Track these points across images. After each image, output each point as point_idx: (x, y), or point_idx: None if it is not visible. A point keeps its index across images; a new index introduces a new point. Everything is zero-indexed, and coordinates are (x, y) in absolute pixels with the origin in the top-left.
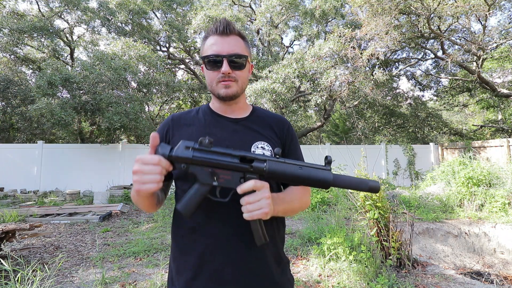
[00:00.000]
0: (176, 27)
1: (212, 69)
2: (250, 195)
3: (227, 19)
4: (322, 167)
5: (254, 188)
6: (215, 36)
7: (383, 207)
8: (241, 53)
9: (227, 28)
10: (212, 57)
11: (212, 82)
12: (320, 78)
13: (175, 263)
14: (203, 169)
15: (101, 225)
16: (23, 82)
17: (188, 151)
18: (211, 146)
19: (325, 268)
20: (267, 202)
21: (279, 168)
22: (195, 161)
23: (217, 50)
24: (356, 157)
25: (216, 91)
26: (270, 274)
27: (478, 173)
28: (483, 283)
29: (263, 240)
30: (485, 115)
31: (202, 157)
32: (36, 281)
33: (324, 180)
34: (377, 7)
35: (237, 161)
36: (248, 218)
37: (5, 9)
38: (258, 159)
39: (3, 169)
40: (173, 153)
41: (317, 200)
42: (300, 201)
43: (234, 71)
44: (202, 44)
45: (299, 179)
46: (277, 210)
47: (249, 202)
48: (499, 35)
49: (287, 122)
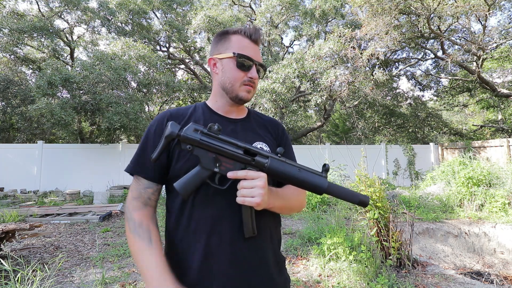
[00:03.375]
0: (176, 27)
1: (241, 69)
2: (246, 181)
3: (260, 29)
4: (319, 173)
5: (246, 177)
6: (247, 39)
7: (383, 207)
8: (263, 64)
9: (259, 38)
10: (246, 58)
11: (236, 82)
12: (320, 78)
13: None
14: (207, 154)
15: (101, 225)
16: (23, 82)
17: (196, 134)
18: (219, 133)
19: (325, 268)
20: (259, 191)
21: (280, 166)
22: (202, 144)
23: (251, 54)
24: (356, 157)
25: (236, 92)
26: (268, 273)
27: (478, 173)
28: (483, 283)
29: (252, 233)
30: (485, 115)
31: (208, 142)
32: (36, 281)
33: (319, 186)
34: (377, 7)
35: (241, 152)
36: (240, 202)
37: (5, 9)
38: (262, 154)
39: (3, 169)
40: (182, 132)
41: (317, 200)
42: (296, 200)
43: (257, 79)
44: (225, 38)
45: (296, 180)
46: (273, 204)
47: (243, 187)
48: (499, 35)
49: (281, 124)
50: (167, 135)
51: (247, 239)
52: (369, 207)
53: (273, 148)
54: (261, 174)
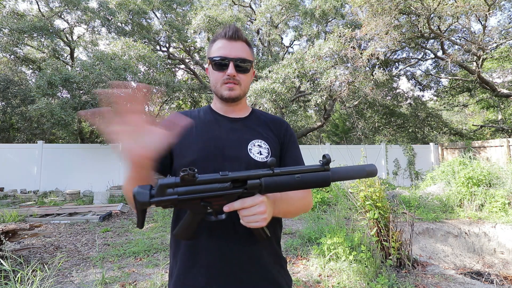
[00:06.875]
0: (176, 27)
1: (218, 70)
2: (245, 210)
3: (236, 26)
4: (320, 169)
5: (244, 208)
6: (223, 40)
7: (383, 207)
8: (247, 58)
9: (236, 34)
10: (219, 59)
11: (217, 83)
12: (320, 78)
13: (175, 259)
14: (193, 204)
15: (101, 225)
16: (23, 82)
17: (170, 190)
18: (195, 176)
19: (325, 268)
20: (262, 217)
21: (276, 181)
22: (182, 200)
23: (224, 53)
24: (356, 157)
25: (219, 92)
26: (270, 274)
27: (478, 173)
28: (483, 283)
29: (264, 238)
30: (485, 115)
31: (188, 193)
32: (36, 281)
33: (323, 181)
34: (377, 7)
35: (228, 185)
36: (246, 225)
37: (5, 9)
38: (253, 176)
39: (3, 169)
40: (154, 199)
41: (317, 200)
42: (302, 202)
43: (239, 74)
44: (210, 46)
45: (297, 187)
46: (277, 212)
47: (244, 216)
48: (499, 35)
49: (286, 122)
50: (138, 207)
51: (245, 239)
52: (369, 207)
53: (274, 146)
54: (259, 199)
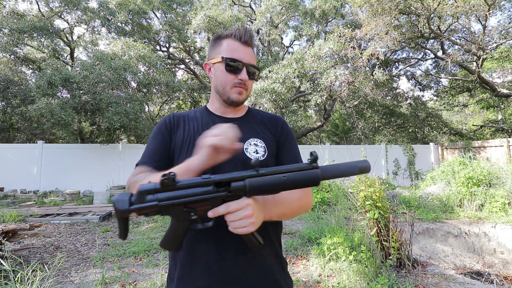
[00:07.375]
0: (176, 27)
1: (230, 72)
2: (231, 214)
3: (251, 31)
4: (308, 167)
5: (229, 212)
6: (237, 42)
7: (383, 207)
8: (256, 65)
9: (250, 40)
10: (235, 62)
11: (227, 85)
12: (320, 78)
13: (175, 261)
14: (175, 209)
15: (101, 225)
16: (23, 82)
17: (151, 197)
18: (175, 183)
19: (325, 268)
20: (249, 221)
21: (261, 182)
22: (163, 206)
23: (239, 57)
24: (356, 157)
25: (227, 94)
26: (270, 275)
27: (478, 173)
28: (483, 283)
29: (258, 245)
30: (485, 115)
31: (169, 199)
32: (36, 281)
33: (312, 179)
34: (377, 7)
35: (211, 189)
36: (234, 232)
37: (5, 9)
38: (236, 178)
39: (3, 169)
40: (133, 206)
41: (317, 200)
42: (298, 202)
43: (249, 80)
44: (217, 43)
45: (285, 187)
46: (270, 215)
47: (231, 221)
48: (499, 35)
49: (282, 119)
50: (118, 215)
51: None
52: (369, 207)
53: (270, 145)
54: (245, 202)
